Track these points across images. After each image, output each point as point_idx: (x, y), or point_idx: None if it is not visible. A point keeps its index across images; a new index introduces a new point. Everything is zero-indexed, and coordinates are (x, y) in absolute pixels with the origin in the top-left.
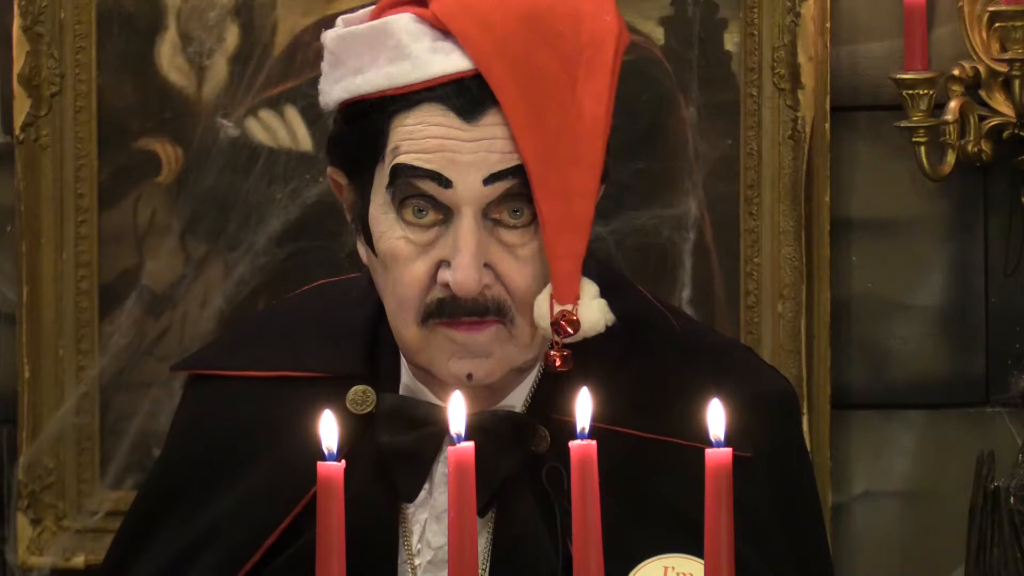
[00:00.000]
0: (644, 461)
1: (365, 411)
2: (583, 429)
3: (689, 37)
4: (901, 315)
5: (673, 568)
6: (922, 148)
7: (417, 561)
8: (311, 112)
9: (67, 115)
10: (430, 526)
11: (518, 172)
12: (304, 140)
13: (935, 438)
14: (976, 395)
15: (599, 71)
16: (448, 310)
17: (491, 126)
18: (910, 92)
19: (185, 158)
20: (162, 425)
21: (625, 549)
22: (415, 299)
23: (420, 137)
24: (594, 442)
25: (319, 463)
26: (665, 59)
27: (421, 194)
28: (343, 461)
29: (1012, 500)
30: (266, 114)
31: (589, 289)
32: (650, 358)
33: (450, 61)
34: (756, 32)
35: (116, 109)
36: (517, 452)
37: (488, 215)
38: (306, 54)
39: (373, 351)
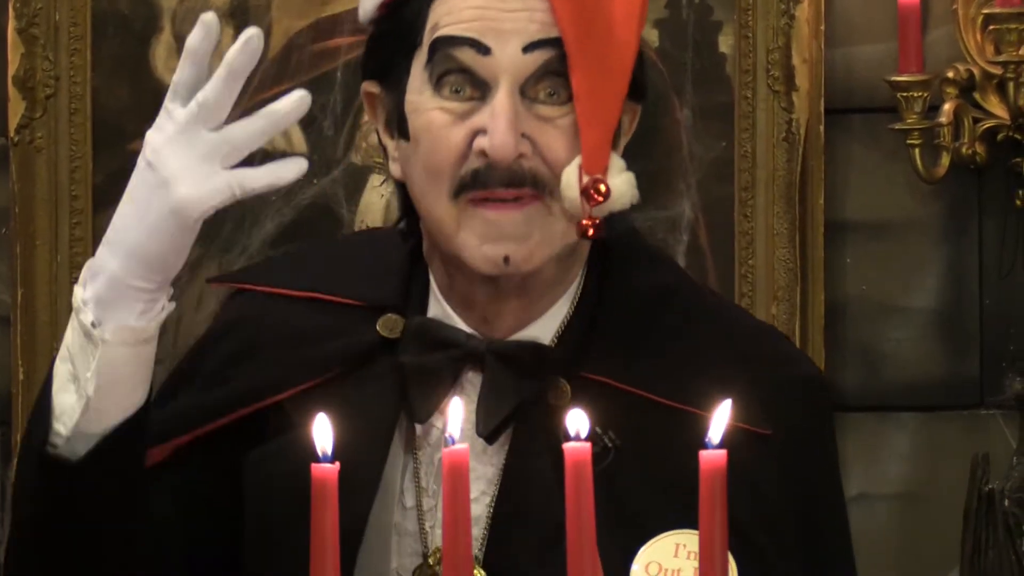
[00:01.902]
0: (666, 430)
1: (395, 335)
2: (577, 433)
3: (684, 39)
4: (895, 317)
5: (684, 546)
6: (916, 150)
7: (429, 503)
8: (305, 114)
9: (62, 117)
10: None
11: (556, 44)
12: (299, 143)
13: (930, 440)
14: (971, 397)
15: None
16: (483, 180)
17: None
18: (904, 94)
19: None
20: None
21: (638, 517)
22: (449, 169)
23: (459, 9)
24: (589, 444)
25: (313, 464)
26: (660, 61)
27: (459, 68)
28: (337, 463)
29: (1007, 503)
30: None
31: (617, 163)
32: (683, 328)
33: None
34: (750, 34)
35: (111, 111)
36: (534, 381)
37: (525, 93)
38: (301, 56)
39: (407, 287)
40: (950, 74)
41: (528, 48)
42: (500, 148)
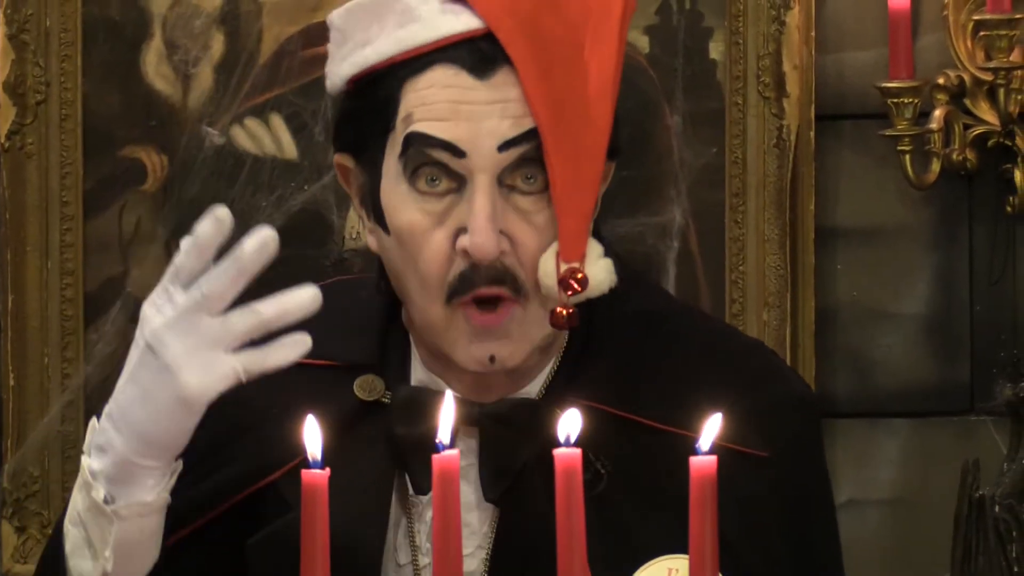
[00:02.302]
0: (657, 453)
1: (373, 398)
2: (568, 437)
3: (674, 46)
4: (886, 323)
5: (677, 571)
6: (907, 156)
7: (424, 561)
8: (296, 120)
9: (52, 123)
10: None
11: (531, 136)
12: (289, 148)
13: (920, 446)
14: (961, 403)
15: (605, 37)
16: (469, 281)
17: (503, 85)
18: (895, 101)
19: (170, 166)
20: None
21: (632, 543)
22: (439, 275)
23: (433, 101)
24: (579, 451)
25: (303, 471)
26: (650, 67)
27: (434, 163)
28: (327, 469)
29: (997, 508)
30: (251, 122)
31: (595, 248)
32: (671, 351)
33: (460, 21)
34: (741, 41)
35: (101, 117)
36: (534, 441)
37: (502, 181)
38: (291, 62)
39: (383, 344)
40: (940, 80)
41: (504, 147)
42: (481, 247)
